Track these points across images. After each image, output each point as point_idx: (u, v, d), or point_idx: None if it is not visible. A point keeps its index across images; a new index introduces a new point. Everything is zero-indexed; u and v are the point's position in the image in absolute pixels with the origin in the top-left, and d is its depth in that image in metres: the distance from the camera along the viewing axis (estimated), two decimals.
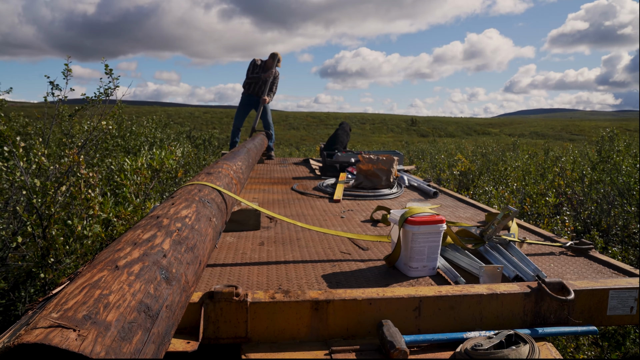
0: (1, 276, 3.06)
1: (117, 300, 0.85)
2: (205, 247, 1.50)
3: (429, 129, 43.41)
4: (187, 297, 1.18)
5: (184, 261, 1.22)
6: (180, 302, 1.09)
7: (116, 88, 4.69)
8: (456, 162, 8.06)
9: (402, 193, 4.08)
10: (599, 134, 7.60)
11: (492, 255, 2.14)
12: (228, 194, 2.22)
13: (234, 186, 2.56)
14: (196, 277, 1.31)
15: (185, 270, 1.19)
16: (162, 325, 0.95)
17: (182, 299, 1.12)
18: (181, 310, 1.11)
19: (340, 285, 1.84)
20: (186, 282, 1.17)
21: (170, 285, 1.05)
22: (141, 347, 0.83)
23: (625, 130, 24.14)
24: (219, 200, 2.02)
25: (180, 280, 1.13)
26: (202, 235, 1.49)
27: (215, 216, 1.79)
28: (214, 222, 1.74)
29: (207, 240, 1.55)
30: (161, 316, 0.95)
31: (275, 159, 7.38)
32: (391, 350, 1.35)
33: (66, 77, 4.47)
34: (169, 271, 1.09)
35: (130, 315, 0.85)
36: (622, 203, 5.57)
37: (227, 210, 2.18)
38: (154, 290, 0.97)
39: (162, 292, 1.00)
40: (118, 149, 6.39)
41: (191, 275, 1.24)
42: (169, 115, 31.65)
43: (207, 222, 1.63)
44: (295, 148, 25.57)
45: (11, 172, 2.93)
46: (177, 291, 1.08)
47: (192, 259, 1.29)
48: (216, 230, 1.77)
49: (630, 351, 3.24)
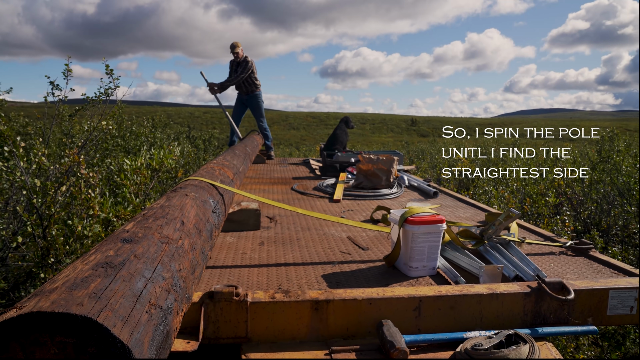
0: (1, 276, 3.06)
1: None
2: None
3: (429, 129, 43.41)
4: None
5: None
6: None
7: (116, 88, 4.69)
8: (456, 162, 8.07)
9: (402, 193, 4.08)
10: (594, 134, 7.63)
11: (492, 255, 2.14)
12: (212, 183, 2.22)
13: (217, 172, 2.70)
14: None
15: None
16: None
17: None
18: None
19: (340, 285, 1.84)
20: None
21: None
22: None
23: (625, 130, 24.14)
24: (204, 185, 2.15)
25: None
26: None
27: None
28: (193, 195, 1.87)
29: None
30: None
31: (275, 159, 7.38)
32: (391, 350, 1.35)
33: (66, 77, 4.46)
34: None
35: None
36: (622, 203, 5.57)
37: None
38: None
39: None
40: (118, 149, 6.38)
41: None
42: (169, 115, 31.65)
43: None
44: (295, 148, 25.57)
45: (11, 172, 2.93)
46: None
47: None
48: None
49: (630, 351, 3.24)
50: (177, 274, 1.15)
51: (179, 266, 1.20)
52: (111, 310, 0.81)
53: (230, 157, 3.55)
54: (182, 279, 1.17)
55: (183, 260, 1.26)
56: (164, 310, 0.97)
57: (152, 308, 0.93)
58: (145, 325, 0.86)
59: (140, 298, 0.91)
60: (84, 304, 0.78)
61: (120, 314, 0.81)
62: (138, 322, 0.84)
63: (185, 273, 1.22)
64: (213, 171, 2.64)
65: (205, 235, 1.61)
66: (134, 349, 0.78)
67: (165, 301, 1.01)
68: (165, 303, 1.00)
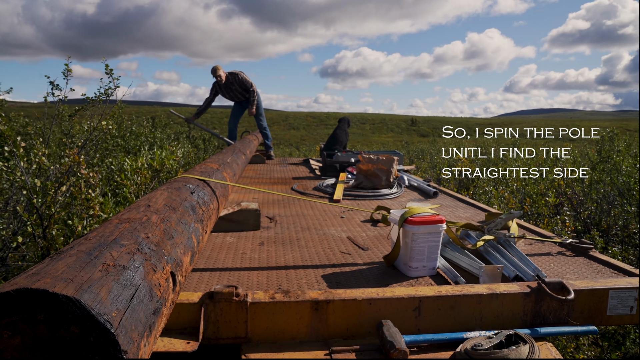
0: (1, 276, 3.06)
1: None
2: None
3: (429, 129, 43.41)
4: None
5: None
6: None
7: (116, 88, 4.69)
8: (456, 162, 8.07)
9: (402, 193, 4.08)
10: (594, 134, 7.63)
11: (492, 255, 2.14)
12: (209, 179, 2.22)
13: (198, 168, 2.66)
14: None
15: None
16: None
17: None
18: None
19: (340, 285, 1.84)
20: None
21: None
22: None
23: (625, 130, 24.13)
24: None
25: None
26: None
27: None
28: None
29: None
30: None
31: (275, 159, 7.37)
32: (391, 350, 1.35)
33: (66, 77, 4.47)
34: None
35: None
36: (622, 203, 5.57)
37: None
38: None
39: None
40: (118, 149, 6.38)
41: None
42: (169, 115, 31.60)
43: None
44: (295, 148, 25.56)
45: (12, 172, 2.93)
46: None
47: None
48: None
49: (630, 351, 3.24)
50: (143, 240, 1.12)
51: (146, 234, 1.17)
52: (50, 277, 0.79)
53: (215, 155, 3.50)
54: (152, 243, 1.14)
55: (151, 230, 1.22)
56: (127, 268, 0.95)
57: (109, 268, 0.91)
58: (99, 280, 0.84)
59: (90, 263, 0.89)
60: (18, 282, 0.78)
61: (62, 277, 0.80)
62: (88, 279, 0.83)
63: (156, 239, 1.19)
64: (193, 170, 2.62)
65: (183, 210, 1.56)
66: (84, 297, 0.76)
67: (129, 262, 0.98)
68: (129, 263, 0.98)
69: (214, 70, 6.76)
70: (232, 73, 6.83)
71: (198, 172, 2.36)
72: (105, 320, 0.76)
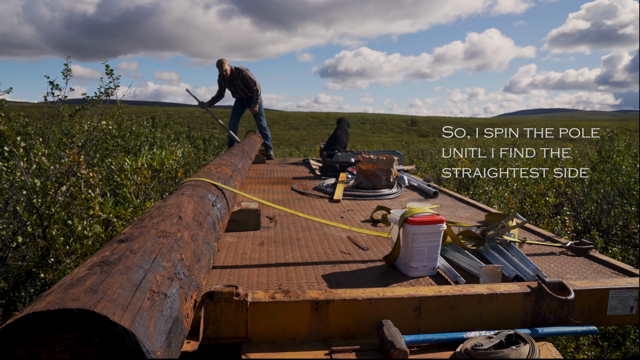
0: (1, 276, 3.06)
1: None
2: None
3: (429, 129, 43.41)
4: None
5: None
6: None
7: (116, 88, 4.69)
8: (456, 162, 8.07)
9: (402, 193, 4.08)
10: (594, 134, 7.63)
11: (492, 255, 2.14)
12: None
13: (214, 171, 2.70)
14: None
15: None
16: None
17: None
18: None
19: (340, 285, 1.84)
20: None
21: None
22: None
23: (625, 130, 24.13)
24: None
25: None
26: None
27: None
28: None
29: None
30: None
31: (275, 159, 7.37)
32: (391, 350, 1.35)
33: (66, 77, 4.46)
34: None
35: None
36: (622, 203, 5.57)
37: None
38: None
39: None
40: (118, 149, 6.38)
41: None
42: (169, 115, 31.66)
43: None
44: (295, 148, 25.56)
45: (11, 172, 2.92)
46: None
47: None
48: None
49: (630, 351, 3.24)
50: (179, 263, 1.15)
51: (180, 256, 1.20)
52: (109, 300, 0.81)
53: (228, 156, 3.57)
54: (185, 267, 1.17)
55: (184, 250, 1.26)
56: (168, 297, 0.97)
57: (155, 295, 0.93)
58: (148, 310, 0.86)
59: (140, 287, 0.91)
60: (79, 298, 0.79)
61: (119, 303, 0.82)
62: (140, 308, 0.84)
63: (188, 262, 1.22)
64: (210, 171, 2.65)
65: (207, 227, 1.61)
66: (138, 332, 0.78)
67: (169, 288, 1.01)
68: (169, 290, 1.00)
69: (220, 64, 6.76)
70: (238, 69, 6.84)
71: (215, 177, 2.38)
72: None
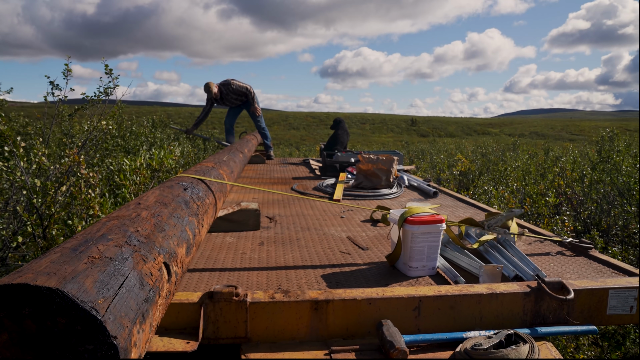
0: (1, 276, 3.06)
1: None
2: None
3: (429, 129, 43.42)
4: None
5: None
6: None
7: (116, 88, 4.69)
8: (456, 162, 8.07)
9: (402, 193, 4.08)
10: (599, 134, 7.61)
11: (492, 255, 2.14)
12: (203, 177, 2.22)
13: (193, 168, 2.65)
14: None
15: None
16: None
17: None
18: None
19: (340, 285, 1.84)
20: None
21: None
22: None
23: (625, 130, 24.13)
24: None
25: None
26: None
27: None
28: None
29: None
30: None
31: (275, 159, 7.38)
32: (391, 350, 1.35)
33: (66, 77, 4.47)
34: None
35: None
36: (622, 203, 5.57)
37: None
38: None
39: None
40: (118, 149, 6.38)
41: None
42: (169, 115, 31.66)
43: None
44: (295, 148, 25.56)
45: (11, 172, 2.93)
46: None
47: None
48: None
49: (630, 351, 3.24)
50: (133, 234, 1.12)
51: (135, 228, 1.18)
52: (33, 272, 0.80)
53: (211, 155, 3.51)
54: (141, 236, 1.15)
55: (141, 224, 1.23)
56: (114, 259, 0.95)
57: (95, 260, 0.91)
58: (83, 272, 0.84)
59: (74, 258, 0.89)
60: (0, 280, 0.78)
61: (45, 271, 0.80)
62: (73, 271, 0.83)
63: (146, 232, 1.19)
64: (188, 170, 2.62)
65: (175, 205, 1.56)
66: (67, 288, 0.77)
67: (116, 253, 0.98)
68: (116, 254, 0.98)
69: (208, 88, 6.84)
70: (224, 84, 6.90)
71: (192, 171, 2.36)
72: (91, 307, 0.77)
